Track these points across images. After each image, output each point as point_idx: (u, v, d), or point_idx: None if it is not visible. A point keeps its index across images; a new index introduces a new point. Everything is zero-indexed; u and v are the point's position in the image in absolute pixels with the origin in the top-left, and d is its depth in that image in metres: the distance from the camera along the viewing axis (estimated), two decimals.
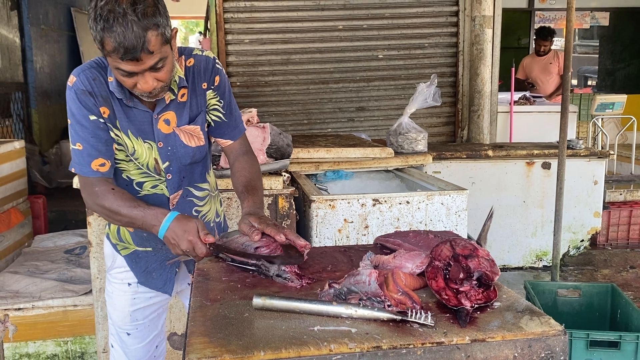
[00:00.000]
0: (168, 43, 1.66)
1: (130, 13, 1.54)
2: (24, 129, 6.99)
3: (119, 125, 1.81)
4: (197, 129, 1.91)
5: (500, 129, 6.07)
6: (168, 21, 1.65)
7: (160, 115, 1.83)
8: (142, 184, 1.90)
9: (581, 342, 2.71)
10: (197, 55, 1.89)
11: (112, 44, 1.56)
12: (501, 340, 1.17)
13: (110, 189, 1.79)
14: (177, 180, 1.92)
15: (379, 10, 5.69)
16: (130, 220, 1.77)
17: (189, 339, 1.18)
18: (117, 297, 2.07)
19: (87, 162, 1.78)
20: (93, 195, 1.80)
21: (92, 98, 1.76)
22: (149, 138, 1.84)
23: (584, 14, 9.72)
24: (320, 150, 3.55)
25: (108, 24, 1.54)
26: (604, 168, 4.85)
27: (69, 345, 3.18)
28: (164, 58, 1.66)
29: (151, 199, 1.90)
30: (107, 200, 1.77)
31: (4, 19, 6.66)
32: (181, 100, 1.86)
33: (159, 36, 1.60)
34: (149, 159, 1.86)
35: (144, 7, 1.56)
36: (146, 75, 1.65)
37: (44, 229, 4.62)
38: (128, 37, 1.55)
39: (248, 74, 5.65)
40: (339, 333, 1.19)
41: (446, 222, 2.96)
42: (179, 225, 1.69)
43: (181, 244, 1.68)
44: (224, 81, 1.94)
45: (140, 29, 1.55)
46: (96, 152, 1.78)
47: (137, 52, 1.57)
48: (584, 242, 4.89)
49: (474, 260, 1.36)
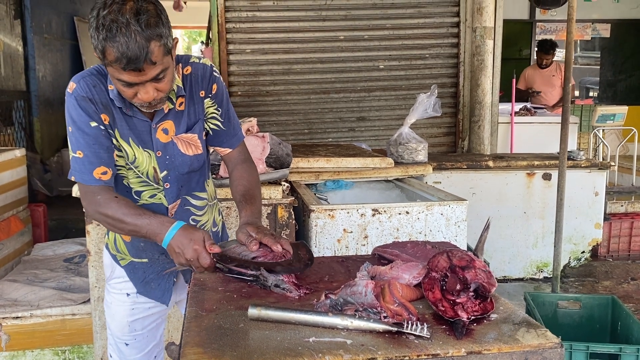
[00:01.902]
0: (169, 54, 1.66)
1: (133, 23, 1.54)
2: (25, 137, 7.01)
3: (119, 133, 1.80)
4: (194, 137, 1.89)
5: (501, 140, 6.07)
6: (170, 32, 1.65)
7: (159, 125, 1.83)
8: (141, 192, 1.89)
9: (581, 354, 2.69)
10: (195, 63, 1.88)
11: (115, 54, 1.55)
12: (497, 352, 1.17)
13: (113, 197, 1.76)
14: (175, 189, 1.91)
15: (380, 21, 5.72)
16: (134, 228, 1.73)
17: (184, 349, 1.17)
18: (116, 307, 2.06)
19: (88, 170, 1.75)
20: (95, 203, 1.76)
21: (93, 105, 1.74)
22: (147, 147, 1.83)
23: (585, 26, 9.74)
24: (320, 159, 3.55)
25: (111, 33, 1.54)
26: (605, 179, 4.84)
27: (66, 354, 3.17)
28: (166, 69, 1.65)
29: (149, 208, 1.88)
30: (111, 208, 1.74)
31: (7, 27, 6.70)
32: (179, 109, 1.85)
33: (161, 47, 1.60)
34: (148, 168, 1.85)
35: (147, 18, 1.56)
36: (147, 86, 1.65)
37: (44, 237, 4.61)
38: (131, 48, 1.54)
39: (249, 84, 5.67)
40: (335, 344, 1.18)
41: (446, 233, 2.96)
42: (186, 234, 1.66)
43: (186, 253, 1.64)
44: (221, 89, 1.93)
45: (143, 39, 1.55)
46: (98, 160, 1.75)
47: (140, 63, 1.57)
48: (585, 253, 4.87)
49: (471, 272, 1.35)
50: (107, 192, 1.76)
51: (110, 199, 1.75)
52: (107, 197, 1.75)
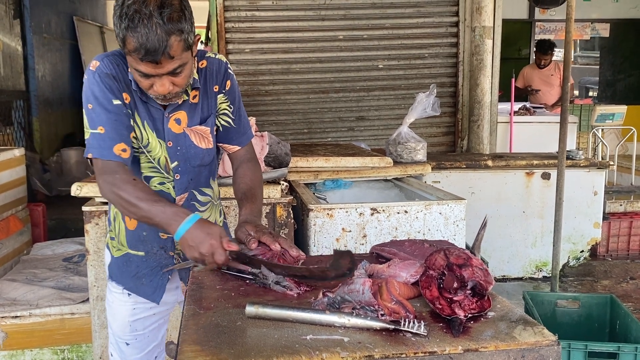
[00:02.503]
0: (189, 49, 1.67)
1: (156, 15, 1.55)
2: (24, 136, 7.00)
3: (138, 114, 1.81)
4: (207, 130, 1.90)
5: (500, 139, 6.08)
6: (192, 27, 1.66)
7: (171, 115, 1.83)
8: (150, 178, 1.88)
9: (579, 353, 2.70)
10: (210, 57, 1.89)
11: (134, 44, 1.57)
12: (494, 350, 1.17)
13: (132, 179, 1.72)
14: (185, 181, 1.90)
15: (379, 20, 5.71)
16: (147, 214, 1.68)
17: (181, 347, 1.17)
18: (117, 306, 2.05)
19: (109, 146, 1.71)
20: (111, 183, 1.71)
21: (116, 82, 1.74)
22: (160, 136, 1.84)
23: (584, 25, 9.75)
24: (319, 159, 3.56)
25: (133, 23, 1.55)
26: (604, 179, 4.84)
27: (65, 353, 3.17)
28: (184, 64, 1.66)
29: None
30: (126, 191, 1.69)
31: (6, 27, 6.70)
32: (193, 102, 1.86)
33: (181, 42, 1.61)
34: (160, 155, 1.85)
35: (170, 11, 1.57)
36: (163, 78, 1.66)
37: (44, 236, 4.61)
38: (151, 39, 1.55)
39: (249, 83, 5.67)
40: (332, 342, 1.18)
41: (444, 232, 2.96)
42: (202, 228, 1.62)
43: (201, 248, 1.59)
44: (234, 86, 1.94)
45: (163, 32, 1.56)
46: (119, 136, 1.72)
47: (158, 55, 1.58)
48: (584, 252, 4.88)
49: (468, 270, 1.36)
50: (125, 173, 1.72)
51: (128, 181, 1.70)
52: (124, 177, 1.71)
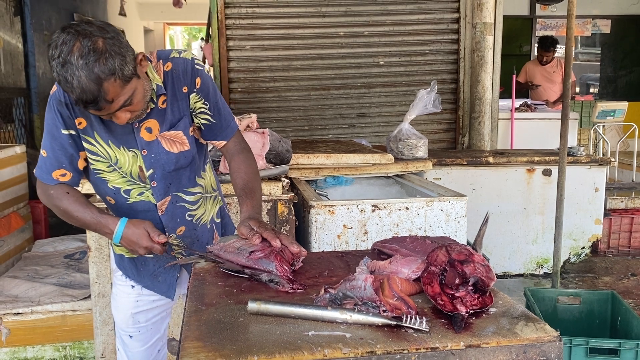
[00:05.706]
0: (133, 76, 1.62)
1: (82, 67, 1.51)
2: (25, 134, 7.00)
3: (98, 135, 1.80)
4: (179, 134, 1.86)
5: (501, 136, 6.07)
6: (127, 54, 1.60)
7: (141, 124, 1.81)
8: (129, 191, 1.88)
9: (581, 349, 2.70)
10: (175, 58, 1.83)
11: (73, 97, 1.57)
12: (496, 346, 1.17)
13: (65, 192, 1.84)
14: (162, 187, 1.89)
15: (380, 17, 5.71)
16: (84, 224, 1.85)
17: (183, 342, 1.17)
18: (121, 299, 2.08)
19: (49, 170, 1.83)
20: (48, 196, 1.85)
21: (68, 110, 1.77)
22: (132, 147, 1.82)
23: (585, 22, 9.73)
24: (320, 156, 3.55)
25: (64, 78, 1.53)
26: (605, 175, 4.84)
27: (67, 350, 3.18)
28: (132, 94, 1.63)
29: (139, 205, 1.89)
30: (62, 202, 1.83)
31: (7, 24, 6.69)
32: (162, 107, 1.83)
33: (117, 81, 1.56)
34: (132, 167, 1.84)
35: (95, 57, 1.52)
36: (117, 114, 1.65)
37: (45, 233, 4.62)
38: (86, 91, 1.53)
39: (249, 80, 5.67)
40: (334, 338, 1.18)
41: (445, 228, 2.96)
42: (130, 233, 1.78)
43: (139, 250, 1.80)
44: (206, 82, 1.87)
45: (94, 83, 1.52)
46: (57, 163, 1.82)
47: (98, 104, 1.57)
48: (585, 249, 4.88)
49: (470, 266, 1.36)
50: (60, 188, 1.84)
51: (62, 194, 1.84)
52: (59, 192, 1.84)
